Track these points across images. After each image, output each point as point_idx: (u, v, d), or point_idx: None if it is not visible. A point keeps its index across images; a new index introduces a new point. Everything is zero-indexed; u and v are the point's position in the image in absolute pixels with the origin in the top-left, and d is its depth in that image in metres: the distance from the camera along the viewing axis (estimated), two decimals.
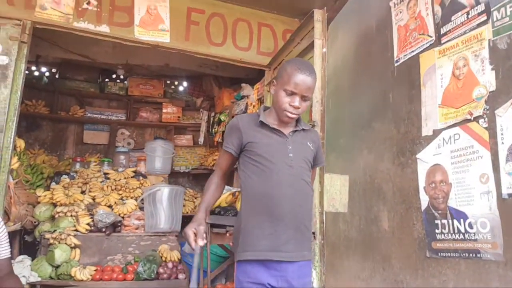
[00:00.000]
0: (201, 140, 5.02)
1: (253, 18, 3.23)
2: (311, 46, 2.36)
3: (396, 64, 2.77)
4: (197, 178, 5.42)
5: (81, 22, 2.74)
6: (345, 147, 3.16)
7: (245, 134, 1.66)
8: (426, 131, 2.43)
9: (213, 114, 4.84)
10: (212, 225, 2.46)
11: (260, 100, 3.44)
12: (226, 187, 2.90)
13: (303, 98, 1.64)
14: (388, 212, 2.68)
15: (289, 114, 1.65)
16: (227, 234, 2.48)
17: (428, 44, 2.50)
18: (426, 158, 2.41)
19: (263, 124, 1.68)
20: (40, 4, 2.67)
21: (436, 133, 2.34)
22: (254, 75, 4.05)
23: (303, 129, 1.76)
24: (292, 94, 1.62)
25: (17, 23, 2.59)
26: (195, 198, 4.92)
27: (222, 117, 4.35)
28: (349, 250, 3.08)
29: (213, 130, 4.64)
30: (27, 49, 2.63)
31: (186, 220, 3.87)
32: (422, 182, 2.41)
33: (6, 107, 2.52)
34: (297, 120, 1.78)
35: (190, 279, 1.58)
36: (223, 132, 4.42)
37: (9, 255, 1.95)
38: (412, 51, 2.63)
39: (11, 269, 1.99)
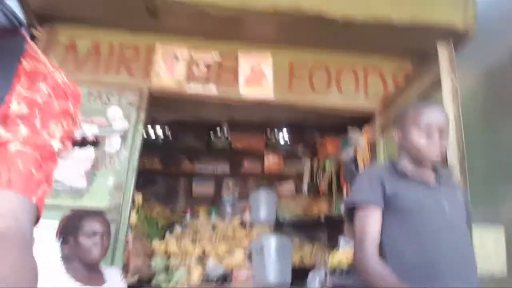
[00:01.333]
0: (304, 189, 4.89)
1: (358, 63, 3.13)
2: (435, 85, 2.12)
3: None
4: (301, 228, 5.24)
5: (192, 87, 2.94)
6: (479, 199, 2.71)
7: (387, 185, 1.40)
8: None
9: (316, 162, 4.71)
10: None
11: (370, 145, 3.22)
12: (344, 239, 2.65)
13: (441, 135, 1.43)
14: None
15: (432, 154, 1.42)
16: None
17: None
18: None
19: (403, 175, 1.44)
20: (156, 73, 2.95)
21: None
22: (358, 121, 3.87)
23: (446, 177, 1.51)
24: (428, 133, 1.42)
25: (136, 91, 2.88)
26: (301, 248, 4.72)
27: (327, 165, 4.21)
28: None
29: (318, 178, 4.50)
30: (144, 114, 2.88)
31: (295, 273, 3.69)
32: None
33: (126, 167, 2.75)
34: (435, 167, 1.52)
35: None
36: (328, 180, 4.24)
37: None
38: None
39: None
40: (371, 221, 1.37)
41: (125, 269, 3.00)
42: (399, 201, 1.38)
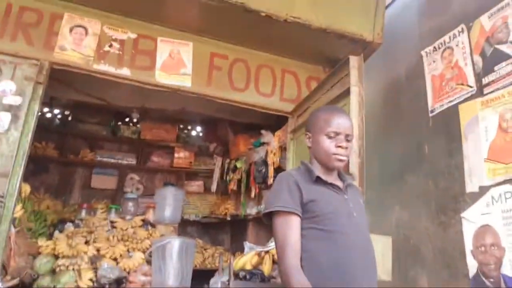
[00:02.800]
0: (213, 187, 4.80)
1: (276, 65, 3.16)
2: (344, 94, 2.22)
3: (431, 115, 2.62)
4: (207, 227, 5.14)
5: (101, 65, 2.64)
6: (373, 201, 2.93)
7: (304, 191, 1.42)
8: (471, 187, 2.21)
9: (227, 160, 4.65)
10: None
11: (282, 148, 3.26)
12: (249, 244, 2.65)
13: (347, 137, 1.51)
14: (429, 277, 2.40)
15: (340, 157, 1.49)
16: None
17: (468, 95, 2.35)
18: (473, 218, 2.18)
19: (318, 180, 1.47)
20: (60, 45, 2.59)
21: (483, 190, 2.13)
22: (272, 121, 3.92)
23: (350, 183, 1.57)
24: (336, 135, 1.49)
25: (34, 63, 2.49)
26: (205, 249, 4.62)
27: (238, 164, 4.17)
28: None
29: (228, 177, 4.44)
30: (42, 91, 2.50)
31: (196, 274, 3.57)
32: (469, 245, 2.16)
33: (14, 151, 2.35)
34: (339, 173, 1.60)
35: None
36: (238, 180, 4.21)
37: None
38: (450, 101, 2.48)
39: None
40: (292, 230, 1.39)
41: (4, 270, 2.57)
42: (315, 207, 1.42)
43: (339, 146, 1.48)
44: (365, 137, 3.06)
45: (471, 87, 2.32)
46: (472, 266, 2.14)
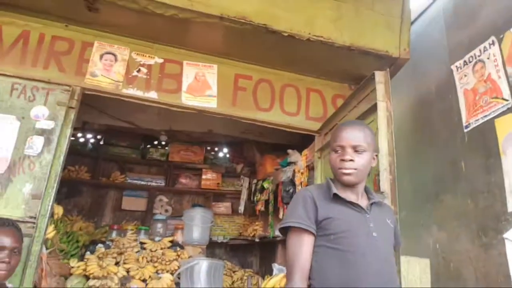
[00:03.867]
0: (241, 208, 4.76)
1: (301, 84, 3.13)
2: (371, 110, 2.16)
3: (466, 130, 2.50)
4: (235, 249, 5.08)
5: (130, 89, 2.72)
6: (408, 221, 2.80)
7: (320, 208, 1.39)
8: None
9: (254, 181, 4.62)
10: None
11: (309, 167, 3.20)
12: (277, 266, 2.58)
13: (355, 149, 1.44)
14: None
15: (344, 171, 1.43)
16: None
17: (504, 108, 2.23)
18: None
19: (336, 198, 1.42)
20: (90, 71, 2.68)
21: None
22: (298, 141, 3.87)
23: (377, 202, 1.50)
24: (341, 149, 1.45)
25: (66, 88, 2.58)
26: (233, 272, 4.55)
27: (266, 185, 4.12)
28: None
29: (255, 198, 4.39)
30: (74, 115, 2.58)
31: None
32: None
33: (47, 173, 2.42)
34: (367, 191, 1.53)
35: None
36: (266, 200, 4.15)
37: None
38: (485, 116, 2.36)
39: None
40: (303, 248, 1.38)
41: None
42: (330, 225, 1.39)
43: (343, 160, 1.43)
44: (396, 154, 2.97)
45: (506, 100, 2.21)
46: None
